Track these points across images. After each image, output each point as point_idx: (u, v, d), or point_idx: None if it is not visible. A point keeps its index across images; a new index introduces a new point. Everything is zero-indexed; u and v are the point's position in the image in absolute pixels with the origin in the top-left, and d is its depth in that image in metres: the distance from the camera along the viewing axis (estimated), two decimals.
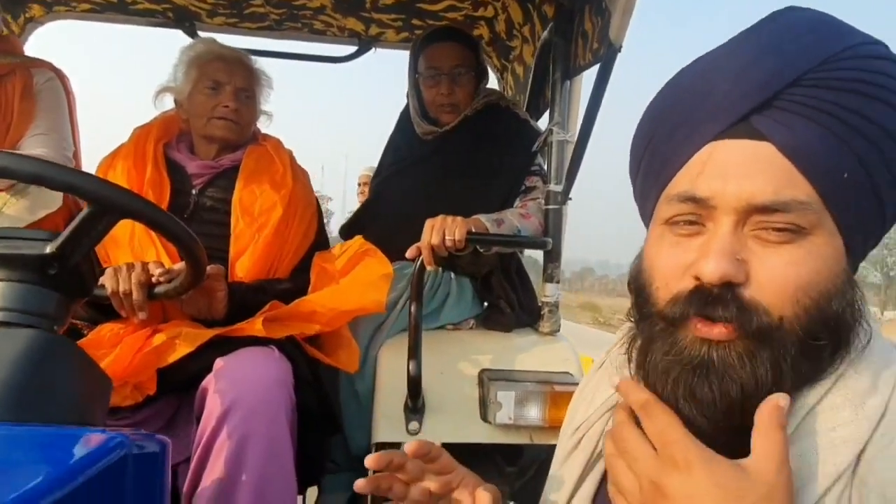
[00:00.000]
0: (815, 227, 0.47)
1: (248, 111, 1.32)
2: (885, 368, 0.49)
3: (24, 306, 0.69)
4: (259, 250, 1.18)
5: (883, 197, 0.49)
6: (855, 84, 0.46)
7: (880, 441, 0.46)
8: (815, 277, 0.47)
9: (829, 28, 0.49)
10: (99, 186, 0.73)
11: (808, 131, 0.47)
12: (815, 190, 0.46)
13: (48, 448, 0.45)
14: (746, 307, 0.47)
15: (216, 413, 0.93)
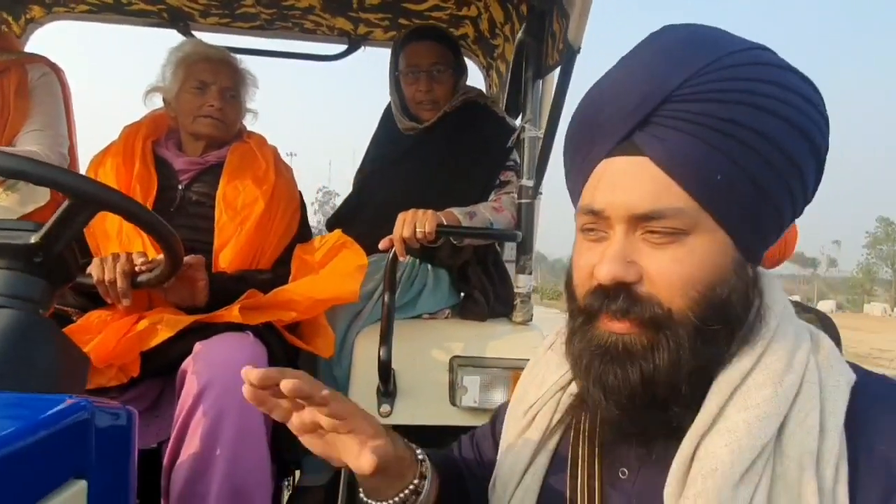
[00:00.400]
0: (693, 227, 0.52)
1: (233, 110, 1.38)
2: (798, 349, 0.55)
3: (10, 291, 0.75)
4: (241, 242, 1.24)
5: (770, 192, 0.53)
6: (720, 94, 0.51)
7: (797, 416, 0.52)
8: (698, 271, 0.53)
9: (698, 43, 0.54)
10: (77, 181, 0.79)
11: (679, 143, 0.52)
12: (689, 195, 0.52)
13: (18, 408, 0.51)
14: (639, 301, 0.53)
15: (193, 392, 1.00)
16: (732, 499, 0.49)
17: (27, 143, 1.44)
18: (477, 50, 2.13)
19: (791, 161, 0.53)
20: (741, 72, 0.52)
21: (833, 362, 0.55)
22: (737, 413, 0.52)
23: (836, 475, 0.50)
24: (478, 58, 2.16)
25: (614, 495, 0.59)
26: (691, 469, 0.52)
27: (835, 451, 0.50)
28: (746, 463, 0.50)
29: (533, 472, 0.65)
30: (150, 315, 1.11)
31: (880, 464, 0.50)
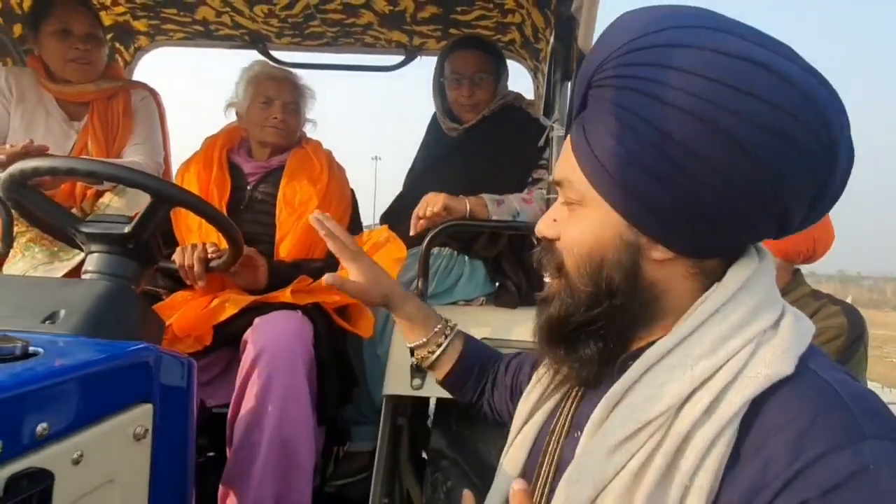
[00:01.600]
0: (583, 200, 0.58)
1: (294, 120, 1.59)
2: (733, 338, 0.53)
3: (108, 269, 0.98)
4: (298, 235, 1.45)
5: (665, 178, 0.52)
6: (610, 80, 0.54)
7: (694, 398, 0.52)
8: (581, 236, 0.59)
9: (620, 28, 0.56)
10: (157, 184, 1.00)
11: (590, 125, 0.57)
12: (581, 171, 0.57)
13: (105, 347, 0.70)
14: (553, 254, 0.63)
15: (251, 357, 1.20)
16: (606, 462, 0.53)
17: (131, 155, 1.72)
18: (524, 54, 2.23)
19: (688, 151, 0.50)
20: (639, 56, 0.52)
21: (770, 356, 0.52)
22: (642, 388, 0.55)
23: (700, 461, 0.49)
24: (525, 61, 2.26)
25: (567, 451, 0.64)
26: (600, 429, 0.57)
27: (707, 438, 0.49)
28: (627, 432, 0.53)
29: (532, 422, 0.72)
30: (221, 295, 1.33)
31: (761, 460, 0.48)
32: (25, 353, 0.61)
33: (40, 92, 1.73)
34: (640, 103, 0.51)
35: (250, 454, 1.19)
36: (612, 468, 0.53)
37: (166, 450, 0.73)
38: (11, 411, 0.51)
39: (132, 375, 0.69)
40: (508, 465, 0.72)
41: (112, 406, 0.65)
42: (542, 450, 0.68)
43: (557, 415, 0.69)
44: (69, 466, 0.56)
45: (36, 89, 1.73)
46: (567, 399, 0.69)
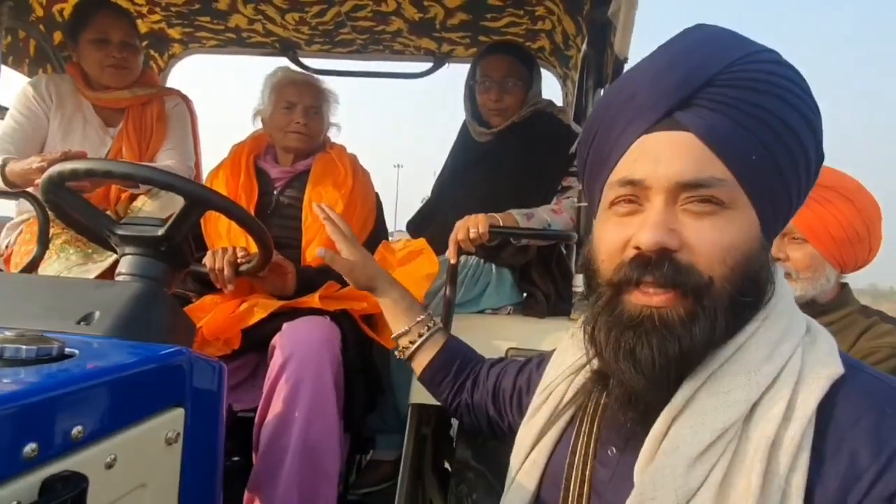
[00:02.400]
0: (732, 200, 0.56)
1: (316, 124, 1.59)
2: (784, 342, 0.56)
3: (141, 271, 0.98)
4: (325, 239, 1.44)
5: (787, 176, 0.58)
6: (755, 83, 0.56)
7: (766, 403, 0.54)
8: (736, 241, 0.55)
9: (730, 39, 0.60)
10: (191, 187, 1.01)
11: (720, 122, 0.56)
12: (729, 170, 0.56)
13: (138, 349, 0.70)
14: (681, 269, 0.55)
15: (279, 363, 1.20)
16: (687, 475, 0.53)
17: (164, 160, 1.75)
18: (554, 61, 2.21)
19: (803, 150, 0.58)
20: (767, 67, 0.57)
21: (822, 357, 0.56)
22: (707, 398, 0.55)
23: (792, 463, 0.51)
24: (555, 68, 2.24)
25: (601, 470, 0.63)
26: (661, 445, 0.56)
27: (795, 440, 0.51)
28: (704, 444, 0.53)
29: (541, 447, 0.71)
30: (250, 299, 1.33)
31: (846, 454, 0.51)
32: (61, 355, 0.61)
33: (78, 99, 1.77)
34: (773, 105, 0.56)
35: (277, 460, 1.18)
36: (696, 480, 0.53)
37: (197, 454, 0.72)
38: (48, 413, 0.50)
39: (165, 379, 0.69)
40: (518, 493, 0.70)
41: (145, 410, 0.65)
42: (561, 474, 0.67)
43: (573, 437, 0.68)
44: (102, 470, 0.55)
45: (74, 96, 1.77)
46: (582, 419, 0.68)
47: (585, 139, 0.68)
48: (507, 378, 0.88)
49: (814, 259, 1.19)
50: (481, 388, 0.92)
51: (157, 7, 2.04)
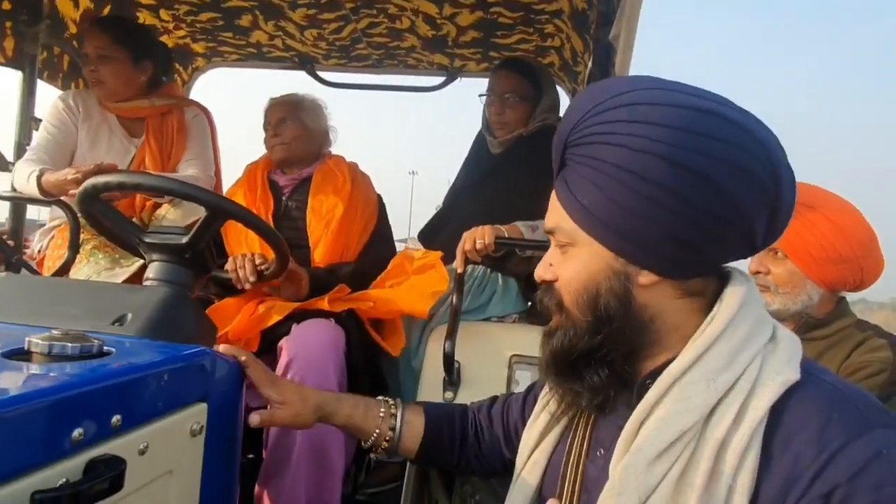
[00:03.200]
0: (573, 240, 0.67)
1: (290, 132, 1.70)
2: (743, 350, 0.61)
3: (167, 276, 1.05)
4: (329, 240, 1.57)
5: (639, 211, 0.60)
6: (594, 136, 0.63)
7: (722, 408, 0.59)
8: (575, 274, 0.67)
9: (587, 97, 0.66)
10: (213, 199, 1.08)
11: (570, 177, 0.66)
12: (570, 217, 0.66)
13: (164, 349, 0.77)
14: (553, 294, 0.70)
15: (284, 364, 1.27)
16: (647, 472, 0.59)
17: (186, 169, 1.83)
18: (563, 76, 2.27)
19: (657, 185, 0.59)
20: (605, 116, 0.62)
21: (779, 365, 0.60)
22: (671, 403, 0.60)
23: (739, 463, 0.56)
24: (564, 83, 2.30)
25: (591, 468, 0.70)
26: (632, 445, 0.61)
27: (742, 441, 0.56)
28: (664, 444, 0.58)
29: (542, 448, 0.77)
30: (267, 302, 1.41)
31: (790, 456, 0.55)
32: (100, 352, 0.68)
33: (103, 111, 1.85)
34: (614, 153, 0.61)
35: (284, 456, 1.24)
36: (655, 477, 0.58)
37: (217, 445, 0.79)
38: (92, 403, 0.57)
39: (191, 376, 0.76)
40: (521, 490, 0.76)
41: (173, 403, 0.71)
42: (559, 472, 0.73)
43: (570, 438, 0.74)
44: (137, 456, 0.62)
45: (100, 108, 1.85)
46: (578, 422, 0.74)
47: None
48: (515, 411, 0.91)
49: (793, 275, 1.23)
50: (489, 437, 0.92)
51: (183, 23, 2.14)
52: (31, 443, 0.50)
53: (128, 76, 1.80)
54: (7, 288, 0.94)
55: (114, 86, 1.79)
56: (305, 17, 2.03)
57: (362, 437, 0.92)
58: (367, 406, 0.93)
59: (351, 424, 0.91)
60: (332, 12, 1.98)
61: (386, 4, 1.91)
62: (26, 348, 0.65)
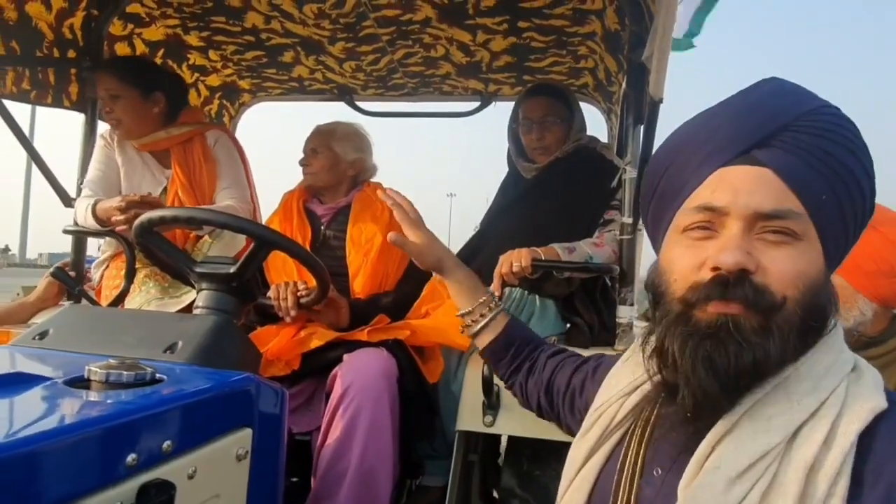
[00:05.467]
0: (804, 233, 0.61)
1: (318, 161, 1.74)
2: (826, 377, 0.60)
3: (215, 304, 1.10)
4: (368, 270, 1.57)
5: (846, 216, 0.63)
6: (825, 132, 0.63)
7: (808, 429, 0.57)
8: (806, 269, 0.60)
9: (801, 91, 0.67)
10: (260, 230, 1.13)
11: (796, 162, 0.62)
12: (803, 206, 0.61)
13: (213, 376, 0.80)
14: (758, 289, 0.59)
15: (339, 393, 1.29)
16: (726, 493, 0.56)
17: (223, 199, 1.86)
18: (598, 96, 2.27)
19: (861, 193, 0.63)
20: (834, 119, 0.64)
21: (866, 392, 0.59)
22: (750, 423, 0.59)
23: (830, 488, 0.54)
24: (599, 103, 2.30)
25: (647, 489, 0.66)
26: (705, 464, 0.59)
27: (835, 465, 0.54)
28: (745, 465, 0.56)
29: (590, 465, 0.73)
30: (308, 328, 1.45)
31: (884, 484, 0.53)
32: (153, 380, 0.72)
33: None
34: (839, 152, 0.62)
35: (335, 483, 1.26)
36: (735, 498, 0.55)
37: (262, 470, 0.81)
38: (145, 429, 0.60)
39: (236, 402, 0.79)
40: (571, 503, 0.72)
41: (220, 429, 0.74)
42: (610, 491, 0.69)
43: (621, 455, 0.70)
44: (186, 480, 0.64)
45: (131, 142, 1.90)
46: (631, 439, 0.70)
47: (655, 173, 0.73)
48: (563, 375, 0.94)
49: (843, 290, 1.18)
50: (536, 376, 0.98)
51: (230, 62, 2.26)
52: (89, 467, 0.53)
53: (140, 111, 1.82)
54: (69, 318, 1.00)
55: (129, 123, 1.82)
56: (344, 51, 2.11)
57: (461, 304, 1.05)
58: (475, 285, 1.06)
59: (460, 287, 1.05)
60: (369, 45, 2.06)
61: (421, 35, 1.96)
62: (86, 376, 0.69)
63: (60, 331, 0.95)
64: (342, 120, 1.86)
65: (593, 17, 1.79)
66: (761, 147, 0.63)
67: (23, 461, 0.47)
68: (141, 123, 1.84)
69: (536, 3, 1.73)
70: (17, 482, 0.47)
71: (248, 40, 2.08)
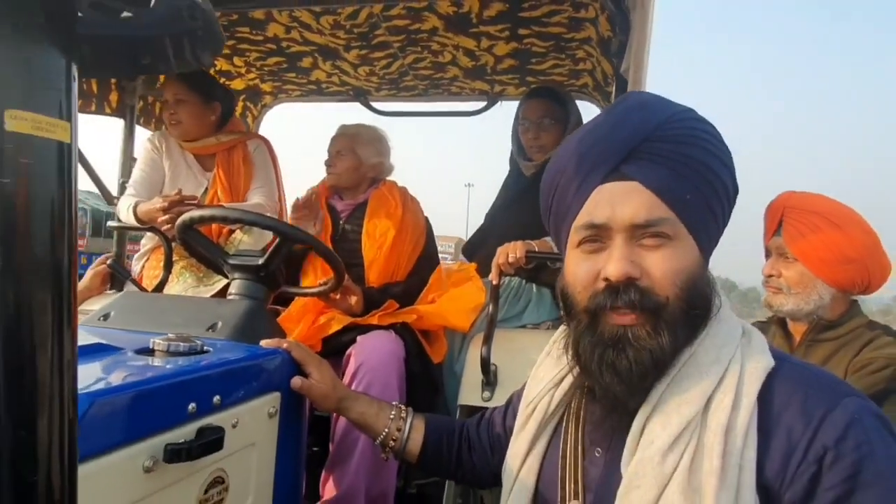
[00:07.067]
0: (675, 234, 0.67)
1: (341, 163, 1.91)
2: (726, 345, 0.68)
3: (247, 292, 1.28)
4: (382, 260, 1.75)
5: (714, 208, 0.70)
6: (682, 137, 0.69)
7: (718, 397, 0.65)
8: (682, 266, 0.67)
9: (658, 102, 0.73)
10: (283, 227, 1.30)
11: (658, 171, 0.68)
12: (671, 210, 0.67)
13: (247, 350, 0.98)
14: (644, 293, 0.66)
15: (352, 370, 1.47)
16: (662, 463, 0.63)
17: (254, 197, 2.08)
18: (597, 96, 2.39)
19: (724, 186, 0.70)
20: (689, 123, 0.70)
21: (756, 354, 0.68)
22: (671, 397, 0.66)
23: (744, 441, 0.62)
24: (599, 102, 2.42)
25: (591, 469, 0.74)
26: (640, 442, 0.66)
27: (744, 423, 0.62)
28: (673, 436, 0.64)
29: (533, 454, 0.80)
30: (327, 314, 1.62)
31: (784, 430, 0.62)
32: (202, 350, 0.90)
33: (181, 149, 2.14)
34: (700, 153, 0.69)
35: (349, 449, 1.44)
36: (670, 466, 0.63)
37: (288, 426, 0.99)
38: (201, 386, 0.78)
39: (268, 370, 0.96)
40: (518, 495, 0.79)
41: (255, 391, 0.92)
42: (556, 476, 0.77)
43: (562, 442, 0.78)
44: (231, 428, 0.82)
45: (178, 147, 2.14)
46: (567, 426, 0.78)
47: (547, 193, 0.78)
48: (496, 425, 0.97)
49: (803, 276, 1.31)
50: (478, 449, 0.98)
51: (253, 67, 2.43)
52: (164, 411, 0.71)
53: (200, 116, 2.07)
54: (126, 303, 1.19)
55: (188, 125, 2.06)
56: (358, 57, 2.26)
57: (372, 434, 1.01)
58: (380, 408, 1.02)
59: (362, 421, 1.01)
60: (381, 51, 2.21)
61: (429, 42, 2.11)
62: (151, 347, 0.87)
63: (120, 313, 1.13)
64: (364, 122, 2.04)
65: (588, 24, 1.91)
66: (628, 161, 0.68)
67: (126, 401, 0.65)
68: (198, 127, 2.08)
69: (535, 12, 1.86)
70: (123, 415, 0.64)
71: (270, 48, 2.24)
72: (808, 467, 0.60)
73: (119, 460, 0.64)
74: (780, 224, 1.37)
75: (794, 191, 1.39)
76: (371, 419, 1.01)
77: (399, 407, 1.03)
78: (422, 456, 0.99)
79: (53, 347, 0.33)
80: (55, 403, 0.33)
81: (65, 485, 0.35)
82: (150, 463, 0.67)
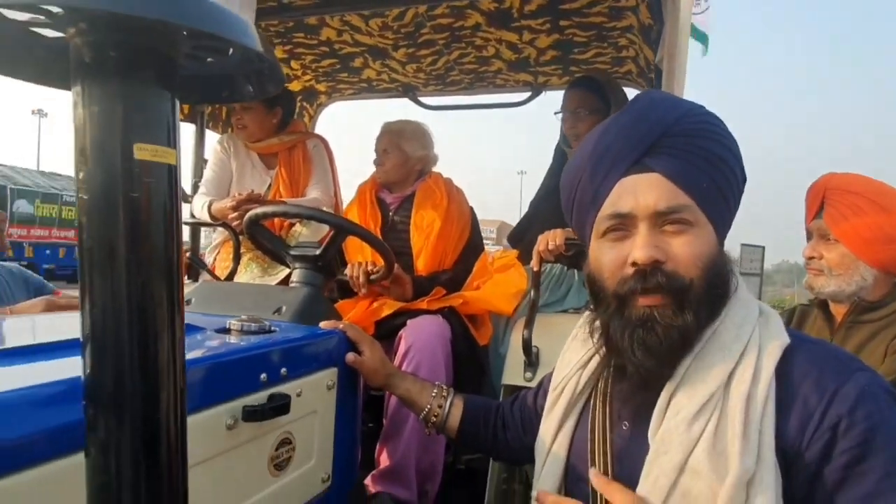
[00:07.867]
0: (696, 220, 0.73)
1: (389, 160, 2.02)
2: (745, 324, 0.74)
3: (306, 280, 1.42)
4: (429, 249, 1.86)
5: (726, 195, 0.76)
6: (696, 132, 0.75)
7: (739, 370, 0.71)
8: (703, 250, 0.72)
9: (673, 100, 0.81)
10: (335, 220, 1.43)
11: (678, 162, 0.74)
12: (690, 198, 0.73)
13: (309, 330, 1.10)
14: (670, 276, 0.71)
15: (402, 351, 1.59)
16: (688, 431, 0.69)
17: (311, 192, 2.25)
18: (641, 82, 2.40)
19: (734, 174, 0.76)
20: (702, 118, 0.77)
21: (774, 332, 0.73)
22: (695, 373, 0.72)
23: (763, 411, 0.67)
24: (642, 87, 2.42)
25: (619, 441, 0.78)
26: (666, 413, 0.72)
27: (763, 394, 0.68)
28: (698, 406, 0.69)
29: (564, 431, 0.86)
30: (380, 300, 1.75)
31: (800, 402, 0.68)
32: (270, 330, 1.03)
33: (246, 150, 2.33)
34: (710, 146, 0.76)
35: (400, 425, 1.57)
36: (696, 433, 0.69)
37: (344, 398, 1.11)
38: (270, 359, 0.91)
39: (326, 348, 1.09)
40: (551, 468, 0.85)
41: (316, 365, 1.04)
42: (585, 448, 0.82)
43: (590, 418, 0.83)
44: (296, 397, 0.95)
45: (244, 148, 2.33)
46: (595, 403, 0.83)
47: (569, 189, 0.84)
48: (528, 405, 1.03)
49: (844, 258, 1.30)
50: (512, 427, 1.04)
51: (309, 70, 2.58)
52: (242, 379, 0.84)
53: (263, 120, 2.25)
54: (204, 291, 1.35)
55: (253, 129, 2.26)
56: (406, 55, 2.37)
57: (416, 409, 1.10)
58: (423, 386, 1.11)
59: (407, 397, 1.11)
60: (427, 49, 2.30)
61: (473, 38, 2.19)
62: (227, 327, 1.01)
63: (200, 299, 1.29)
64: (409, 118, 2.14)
65: (629, 13, 1.94)
66: (649, 154, 0.74)
67: (212, 370, 0.78)
68: (262, 129, 2.27)
69: (575, 4, 1.90)
70: (209, 382, 0.78)
71: (324, 51, 2.38)
72: (822, 434, 0.66)
73: (207, 418, 0.77)
74: (821, 206, 1.37)
75: (834, 172, 1.38)
76: (415, 395, 1.10)
77: (441, 386, 1.11)
78: (460, 431, 1.07)
79: (169, 326, 0.45)
80: (170, 372, 0.45)
81: (178, 434, 0.46)
82: (231, 421, 0.80)
